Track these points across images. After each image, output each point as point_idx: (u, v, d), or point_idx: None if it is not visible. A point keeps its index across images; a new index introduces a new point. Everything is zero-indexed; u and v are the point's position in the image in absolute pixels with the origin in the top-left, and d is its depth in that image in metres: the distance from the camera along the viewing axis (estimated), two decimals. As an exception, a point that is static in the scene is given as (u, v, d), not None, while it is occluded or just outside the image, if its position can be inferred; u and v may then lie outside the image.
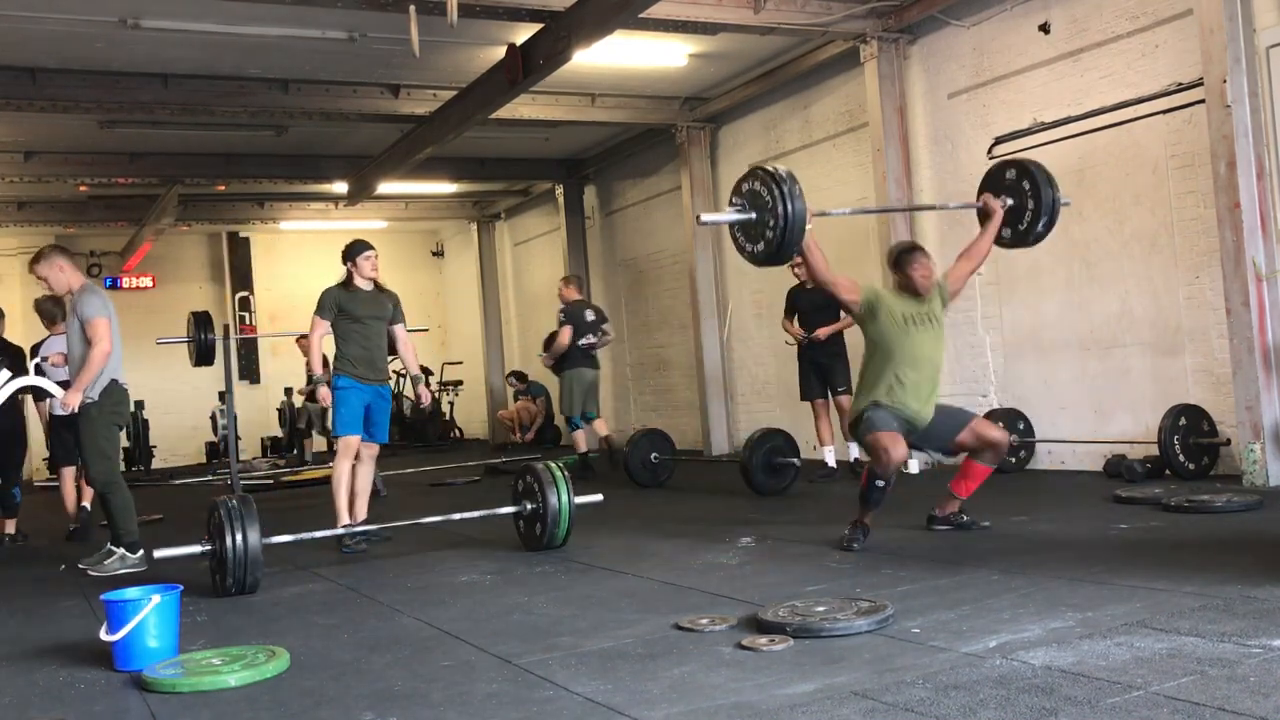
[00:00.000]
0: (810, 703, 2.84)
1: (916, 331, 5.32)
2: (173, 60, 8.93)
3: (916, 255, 5.45)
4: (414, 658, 3.70)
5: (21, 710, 3.41)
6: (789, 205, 4.74)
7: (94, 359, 5.98)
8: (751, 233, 4.94)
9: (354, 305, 6.38)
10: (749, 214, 4.90)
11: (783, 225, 4.74)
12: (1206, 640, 3.11)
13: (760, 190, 4.85)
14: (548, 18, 7.81)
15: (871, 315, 5.36)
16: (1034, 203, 5.68)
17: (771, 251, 4.88)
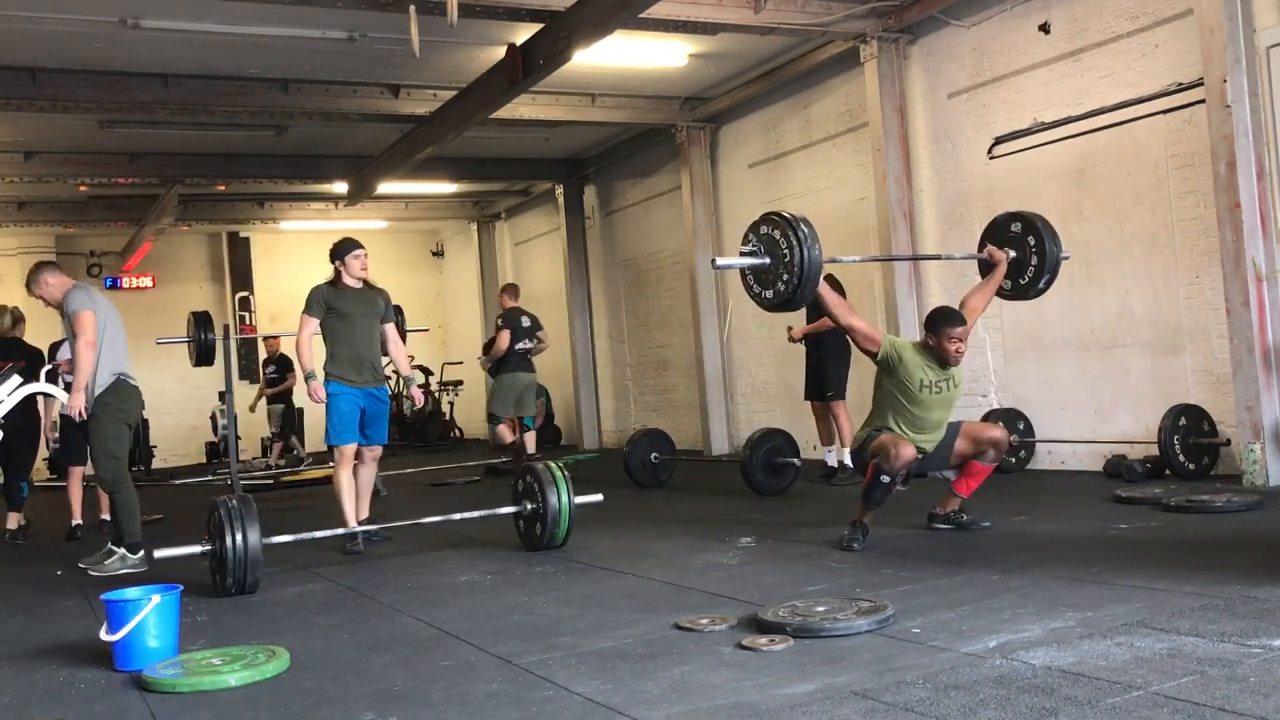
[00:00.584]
0: (810, 703, 2.84)
1: (931, 398, 5.26)
2: (173, 60, 8.93)
3: (954, 327, 5.24)
4: (414, 658, 3.70)
5: (21, 710, 3.41)
6: (805, 252, 4.68)
7: (80, 351, 5.94)
8: (765, 278, 4.91)
9: (342, 302, 6.26)
10: (763, 259, 4.86)
11: (798, 273, 4.70)
12: (1206, 640, 3.11)
13: (775, 236, 4.80)
14: (548, 18, 7.81)
15: (888, 370, 5.28)
16: (1037, 259, 5.67)
17: (785, 299, 4.83)
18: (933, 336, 5.29)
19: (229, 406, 9.58)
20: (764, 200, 10.82)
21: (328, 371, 6.24)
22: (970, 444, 5.41)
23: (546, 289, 15.55)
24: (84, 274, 16.31)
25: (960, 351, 5.24)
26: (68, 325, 6.11)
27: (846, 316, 5.28)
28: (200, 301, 16.05)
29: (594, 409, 14.24)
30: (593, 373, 14.22)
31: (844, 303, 5.35)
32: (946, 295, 8.70)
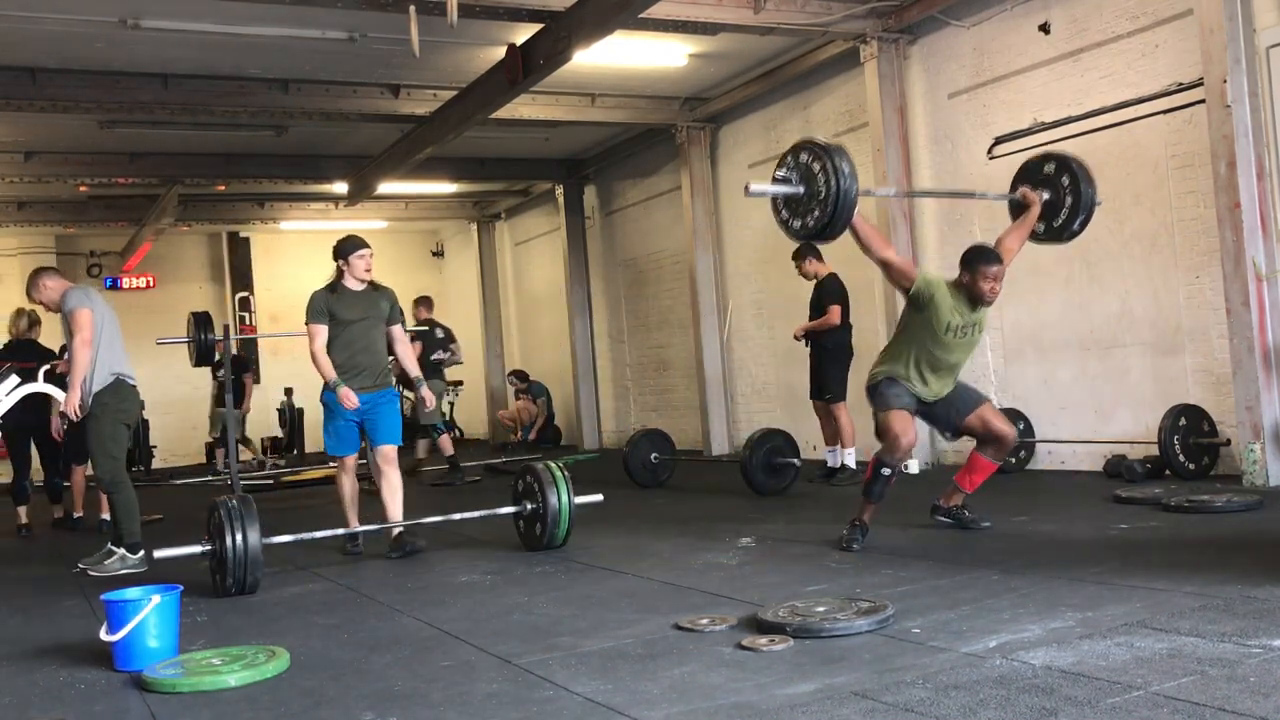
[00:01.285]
0: (810, 703, 2.84)
1: (955, 341, 5.15)
2: (173, 60, 8.93)
3: (991, 265, 5.11)
4: (414, 658, 3.70)
5: (21, 710, 3.41)
6: (840, 181, 4.46)
7: (75, 350, 5.93)
8: (797, 208, 4.68)
9: (340, 308, 5.97)
10: (797, 188, 4.63)
11: (833, 202, 4.49)
12: (1206, 640, 3.11)
13: (813, 165, 4.56)
14: (548, 18, 7.81)
15: (918, 306, 5.13)
16: (1071, 199, 5.47)
17: (818, 229, 4.63)
18: (967, 274, 5.15)
19: (229, 406, 9.58)
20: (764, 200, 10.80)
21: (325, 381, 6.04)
22: (980, 425, 5.30)
23: (546, 289, 15.56)
24: (84, 274, 16.31)
25: (994, 292, 5.10)
26: (65, 326, 6.11)
27: (883, 250, 5.09)
28: (200, 302, 16.05)
29: (594, 409, 14.23)
30: (593, 373, 14.22)
31: (879, 235, 5.11)
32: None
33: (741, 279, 11.29)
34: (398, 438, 6.12)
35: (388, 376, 6.20)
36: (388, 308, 6.17)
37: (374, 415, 6.05)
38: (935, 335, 5.11)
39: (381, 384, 6.10)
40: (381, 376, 6.12)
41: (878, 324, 9.08)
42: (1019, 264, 8.01)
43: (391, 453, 6.07)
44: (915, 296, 5.12)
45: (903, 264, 5.20)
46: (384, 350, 6.18)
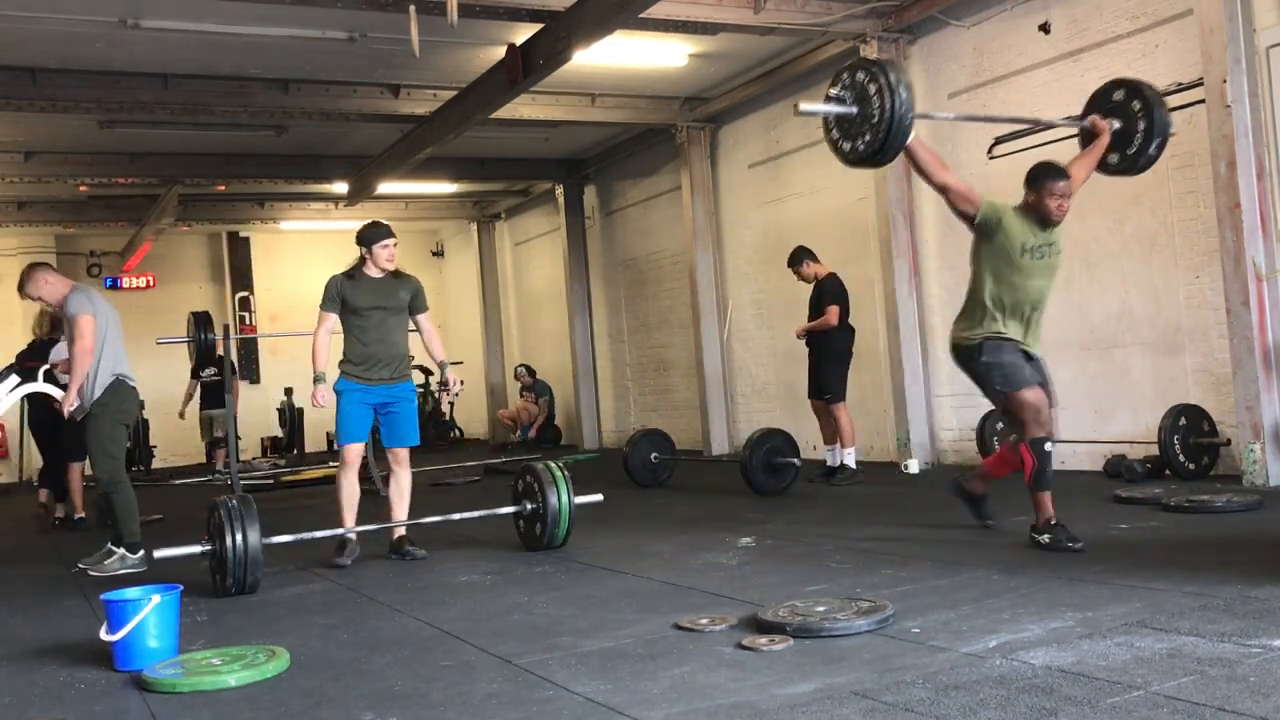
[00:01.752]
0: (810, 703, 2.84)
1: (1033, 264, 4.83)
2: (173, 60, 8.93)
3: (1057, 181, 4.80)
4: (414, 658, 3.70)
5: (21, 710, 3.41)
6: (896, 99, 4.27)
7: (76, 357, 5.95)
8: (849, 129, 4.48)
9: (357, 296, 5.78)
10: (850, 109, 4.45)
11: (887, 126, 4.30)
12: (1206, 640, 3.11)
13: (869, 87, 4.37)
14: (548, 18, 7.81)
15: (987, 234, 4.85)
16: (1144, 123, 5.20)
17: (871, 151, 4.43)
18: (1033, 193, 4.86)
19: (229, 406, 9.58)
20: (764, 200, 10.83)
21: (340, 368, 5.85)
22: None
23: (546, 289, 15.56)
24: (84, 274, 16.31)
25: (1062, 210, 4.81)
26: (67, 327, 6.10)
27: (941, 174, 4.84)
28: (200, 301, 16.05)
29: (594, 409, 14.23)
30: (593, 373, 14.22)
31: (938, 158, 4.88)
32: (946, 294, 8.72)
33: (741, 279, 11.29)
34: (415, 438, 5.96)
35: (407, 369, 6.01)
36: (408, 296, 5.93)
37: (393, 412, 5.88)
38: (1011, 260, 4.80)
39: (400, 376, 5.90)
40: (400, 369, 5.91)
41: (878, 324, 9.09)
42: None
43: (405, 455, 5.94)
44: (982, 223, 4.85)
45: (964, 189, 4.91)
46: (403, 341, 5.96)
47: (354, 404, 5.78)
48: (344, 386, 5.80)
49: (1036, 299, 4.93)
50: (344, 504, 5.81)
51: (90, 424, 6.08)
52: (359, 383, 5.78)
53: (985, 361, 4.87)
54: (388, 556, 5.89)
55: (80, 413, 6.06)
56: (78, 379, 5.95)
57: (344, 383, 5.80)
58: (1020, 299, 4.89)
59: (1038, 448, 4.80)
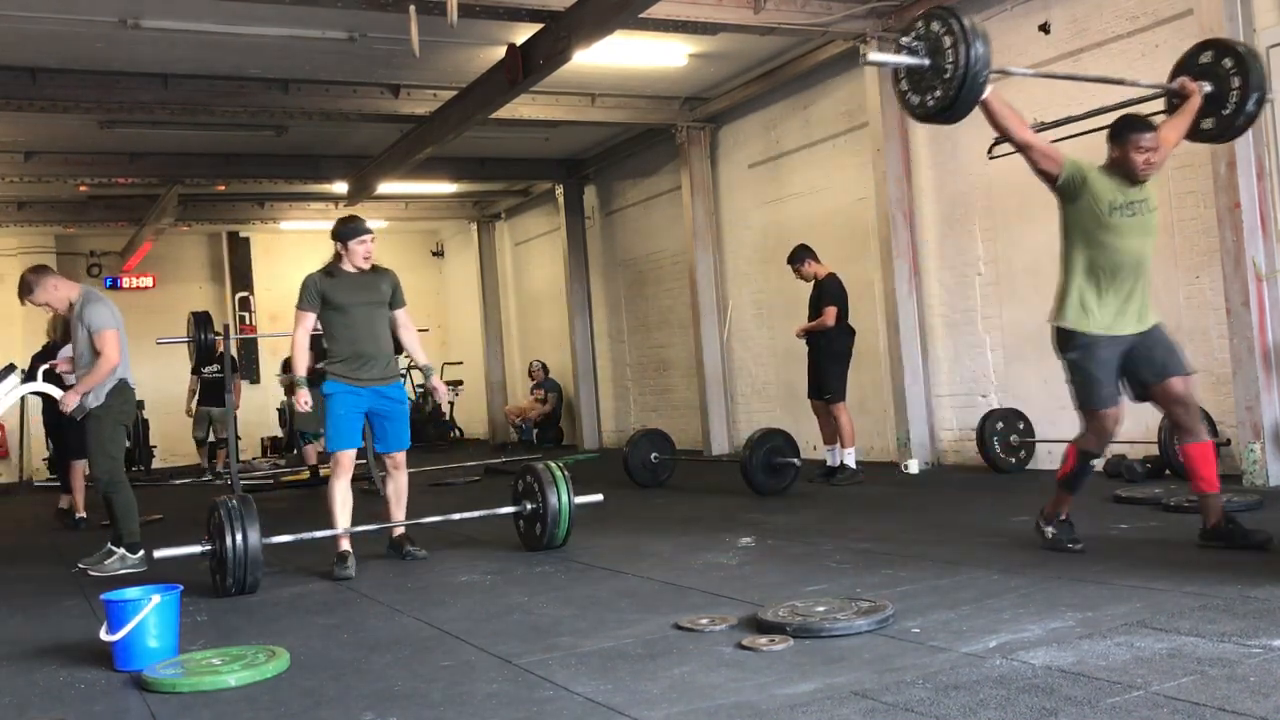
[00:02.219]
0: (810, 703, 2.84)
1: (1124, 222, 4.50)
2: (173, 60, 8.93)
3: (1143, 134, 4.52)
4: (414, 658, 3.70)
5: (21, 710, 3.41)
6: (971, 53, 4.07)
7: (101, 369, 5.99)
8: (919, 83, 4.28)
9: (337, 292, 5.56)
10: (922, 60, 4.23)
11: (959, 83, 4.10)
12: (1206, 640, 3.11)
13: (944, 39, 4.16)
14: (548, 18, 7.81)
15: (1072, 195, 4.56)
16: (1239, 80, 4.87)
17: (942, 107, 4.23)
18: (1118, 148, 4.58)
19: (229, 406, 9.58)
20: (764, 200, 10.83)
21: (326, 369, 5.62)
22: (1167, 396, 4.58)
23: (546, 289, 15.56)
24: (84, 274, 16.32)
25: (1150, 164, 4.51)
26: (83, 331, 6.09)
27: (1021, 131, 4.57)
28: (200, 301, 16.05)
29: (594, 409, 14.23)
30: (593, 373, 14.22)
31: (1017, 115, 4.60)
32: (946, 294, 8.72)
33: (741, 279, 11.29)
34: (408, 442, 5.82)
35: (396, 367, 5.84)
36: (389, 290, 5.78)
37: (385, 416, 5.71)
38: (1100, 219, 4.50)
39: (391, 375, 5.74)
40: (390, 367, 5.75)
41: (878, 324, 9.09)
42: (1018, 263, 8.05)
43: (402, 458, 5.82)
44: (1066, 184, 4.56)
45: (1047, 147, 4.62)
46: (389, 338, 5.81)
47: (344, 407, 5.56)
48: (333, 389, 5.57)
49: (1137, 261, 4.54)
50: (337, 511, 5.56)
51: (91, 424, 6.09)
52: (348, 384, 5.57)
53: (1072, 360, 4.65)
54: (387, 554, 5.87)
55: (80, 412, 6.07)
56: (89, 385, 5.99)
57: (332, 384, 5.57)
58: (1119, 261, 4.52)
59: (1083, 457, 4.69)
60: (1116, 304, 4.55)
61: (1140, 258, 4.57)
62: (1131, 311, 4.57)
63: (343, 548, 5.53)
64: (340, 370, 5.59)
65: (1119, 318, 4.55)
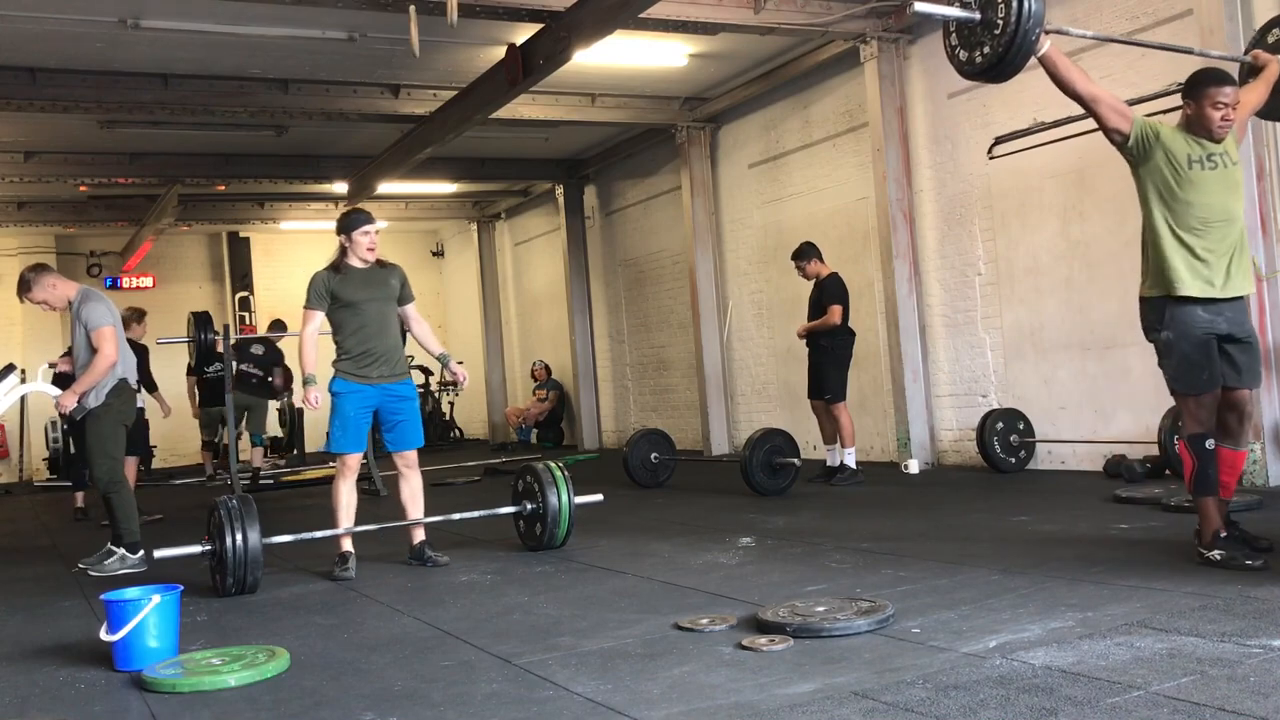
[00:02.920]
0: (810, 703, 2.84)
1: (1204, 175, 4.20)
2: (173, 60, 8.93)
3: (1221, 87, 4.21)
4: (414, 658, 3.70)
5: (21, 710, 3.41)
6: (1024, 6, 3.86)
7: (97, 366, 5.99)
8: (969, 37, 4.09)
9: (346, 289, 5.46)
10: (974, 14, 4.03)
11: (1009, 39, 3.91)
12: (1206, 640, 3.11)
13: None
14: (548, 18, 7.81)
15: (1145, 154, 4.26)
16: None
17: (990, 64, 4.02)
18: (1192, 103, 4.26)
19: (229, 406, 9.58)
20: (764, 200, 10.84)
21: (334, 367, 5.52)
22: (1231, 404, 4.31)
23: (546, 289, 15.56)
24: (84, 274, 16.31)
25: (1228, 119, 4.21)
26: (81, 330, 6.10)
27: (1086, 84, 4.23)
28: (200, 301, 16.06)
29: (594, 409, 14.24)
30: (593, 373, 14.22)
31: (1079, 69, 4.29)
32: (946, 294, 8.72)
33: (741, 279, 11.29)
34: (420, 440, 5.71)
35: (405, 364, 5.74)
36: (398, 286, 5.65)
37: (395, 414, 5.59)
38: (1179, 173, 4.20)
39: (400, 373, 5.63)
40: (400, 364, 5.64)
41: (878, 324, 9.09)
42: (1019, 263, 8.05)
43: (414, 457, 5.70)
44: (1138, 143, 4.26)
45: (1116, 102, 4.29)
46: (398, 334, 5.72)
47: (353, 407, 5.47)
48: (341, 387, 5.48)
49: (1224, 217, 4.21)
50: (340, 513, 5.50)
51: (92, 424, 6.09)
52: (357, 382, 5.48)
53: (1166, 339, 4.25)
54: (408, 562, 5.71)
55: (80, 412, 6.07)
56: (87, 384, 5.98)
57: (341, 383, 5.48)
58: (1206, 217, 4.19)
59: (1196, 443, 4.20)
60: (1211, 264, 4.20)
61: (1228, 213, 4.24)
62: (1230, 271, 4.22)
63: (344, 548, 5.52)
64: (348, 368, 5.50)
65: (1215, 279, 4.20)
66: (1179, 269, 4.19)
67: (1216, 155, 4.24)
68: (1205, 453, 4.18)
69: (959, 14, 4.05)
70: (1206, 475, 4.19)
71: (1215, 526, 4.18)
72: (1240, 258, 4.24)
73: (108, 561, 6.05)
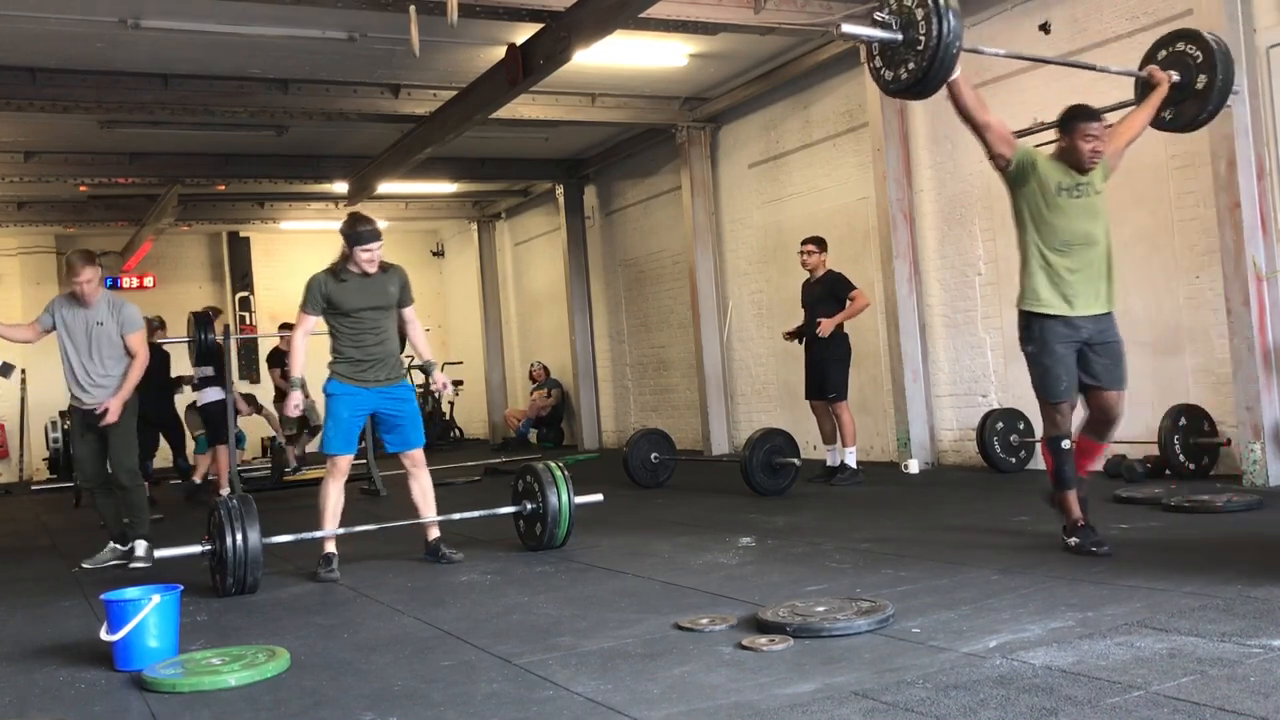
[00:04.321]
0: (810, 703, 2.84)
1: (1071, 203, 4.61)
2: (173, 60, 8.93)
3: (1089, 124, 4.61)
4: (414, 658, 3.70)
5: (21, 710, 3.41)
6: (944, 24, 4.09)
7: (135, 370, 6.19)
8: (892, 57, 4.29)
9: (344, 296, 5.44)
10: (895, 34, 4.24)
11: (931, 55, 4.13)
12: (1206, 640, 3.11)
13: (916, 12, 4.21)
14: (548, 18, 7.81)
15: (1021, 179, 4.67)
16: (1205, 77, 5.00)
17: (913, 81, 4.23)
18: (1065, 136, 4.66)
19: (229, 406, 9.58)
20: (764, 200, 10.84)
21: (330, 370, 5.53)
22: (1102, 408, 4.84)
23: (546, 289, 15.56)
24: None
25: (1097, 152, 4.61)
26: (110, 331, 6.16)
27: (982, 113, 4.60)
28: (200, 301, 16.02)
29: (594, 409, 14.24)
30: (593, 372, 14.23)
31: (979, 98, 4.64)
32: (946, 294, 8.72)
33: (741, 279, 11.29)
34: (421, 439, 5.72)
35: (402, 368, 5.73)
36: (397, 291, 5.61)
37: (394, 416, 5.61)
38: (1048, 199, 4.61)
39: (397, 376, 5.62)
40: (396, 369, 5.63)
41: (878, 324, 9.09)
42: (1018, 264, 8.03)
43: (419, 455, 5.71)
44: (1017, 168, 4.67)
45: (1005, 131, 4.66)
46: (395, 339, 5.70)
47: (347, 409, 5.48)
48: (335, 389, 5.47)
49: (1085, 240, 4.65)
50: (328, 513, 5.49)
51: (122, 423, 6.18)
52: (352, 384, 5.48)
53: (1030, 352, 4.74)
54: (424, 559, 5.74)
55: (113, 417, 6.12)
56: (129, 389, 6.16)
57: (335, 384, 5.48)
58: (1069, 240, 4.63)
59: (1054, 442, 4.69)
60: (1072, 284, 4.66)
61: (1090, 237, 4.68)
62: (1088, 293, 4.68)
63: (328, 550, 5.51)
64: (344, 370, 5.50)
65: (1074, 298, 4.66)
66: (1040, 288, 4.68)
67: (1083, 185, 4.67)
68: (1062, 452, 4.66)
69: (883, 35, 4.29)
70: (1064, 472, 4.66)
71: (1075, 518, 4.64)
72: (1107, 280, 4.73)
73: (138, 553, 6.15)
